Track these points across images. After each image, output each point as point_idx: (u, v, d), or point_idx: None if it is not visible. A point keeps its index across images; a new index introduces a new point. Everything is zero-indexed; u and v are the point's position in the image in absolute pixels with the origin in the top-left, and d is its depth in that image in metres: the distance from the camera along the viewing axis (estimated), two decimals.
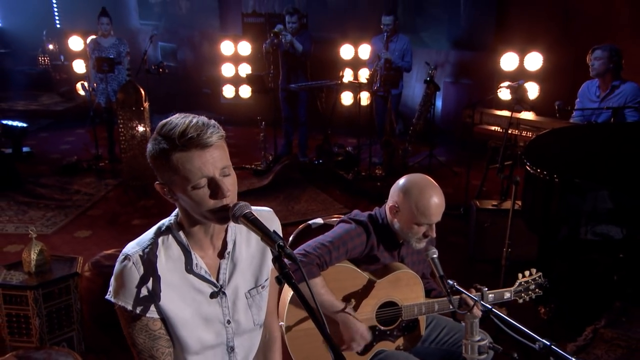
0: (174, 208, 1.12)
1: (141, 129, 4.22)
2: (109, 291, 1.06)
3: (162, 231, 1.09)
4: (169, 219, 1.11)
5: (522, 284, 1.77)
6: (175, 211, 1.11)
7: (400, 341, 1.73)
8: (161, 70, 5.12)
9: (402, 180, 1.66)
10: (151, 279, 1.04)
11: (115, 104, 4.44)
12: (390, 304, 1.67)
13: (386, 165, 4.75)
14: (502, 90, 3.62)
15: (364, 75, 5.29)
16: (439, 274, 1.52)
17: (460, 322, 1.79)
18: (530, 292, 1.78)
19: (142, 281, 1.04)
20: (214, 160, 0.99)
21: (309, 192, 4.44)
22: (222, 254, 1.13)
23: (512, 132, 3.57)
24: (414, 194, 1.60)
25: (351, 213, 1.77)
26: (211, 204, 1.00)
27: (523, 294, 1.77)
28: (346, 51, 5.61)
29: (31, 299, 2.14)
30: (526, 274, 1.78)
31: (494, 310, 1.38)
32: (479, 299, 1.46)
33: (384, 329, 1.68)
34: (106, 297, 1.06)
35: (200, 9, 7.81)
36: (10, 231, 3.65)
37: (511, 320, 1.29)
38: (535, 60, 4.44)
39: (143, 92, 4.28)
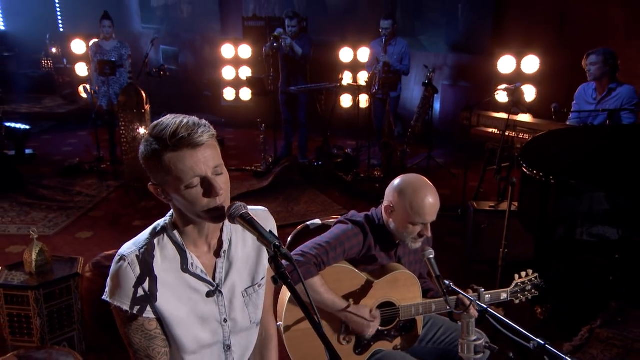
0: None
1: (142, 131, 4.25)
2: (105, 291, 1.07)
3: (157, 231, 1.09)
4: (164, 220, 1.11)
5: (519, 284, 1.77)
6: (170, 212, 1.11)
7: (397, 341, 1.73)
8: (162, 73, 5.13)
9: (397, 181, 1.66)
10: (147, 279, 1.04)
11: (117, 106, 4.46)
12: (388, 304, 1.67)
13: (385, 167, 4.75)
14: (500, 92, 3.64)
15: (363, 78, 5.30)
16: (435, 274, 1.52)
17: (457, 322, 1.79)
18: (526, 293, 1.78)
19: (138, 281, 1.04)
20: (205, 159, 0.99)
21: (308, 194, 4.45)
22: (218, 253, 1.13)
23: (509, 134, 3.58)
24: (408, 193, 1.60)
25: (348, 214, 1.77)
26: (204, 203, 1.00)
27: (519, 295, 1.77)
28: (345, 54, 5.63)
29: (32, 299, 2.15)
30: (522, 274, 1.78)
31: (489, 310, 1.38)
32: (475, 300, 1.46)
33: (381, 329, 1.67)
34: (103, 298, 1.07)
35: (202, 12, 7.84)
36: (12, 232, 3.67)
37: (507, 320, 1.29)
38: (532, 63, 4.44)
39: (144, 94, 4.32)
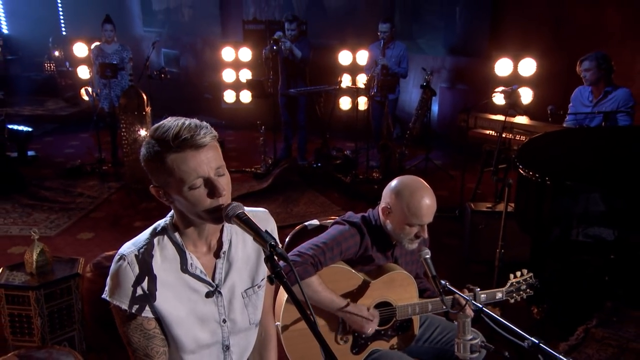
0: None
1: (143, 133, 4.27)
2: (105, 290, 1.08)
3: (157, 232, 1.10)
4: (164, 220, 1.12)
5: (514, 284, 1.78)
6: (170, 212, 1.12)
7: (394, 340, 1.74)
8: (163, 76, 5.14)
9: (394, 182, 1.67)
10: (146, 279, 1.05)
11: (118, 108, 4.49)
12: (385, 304, 1.68)
13: (383, 168, 4.75)
14: (497, 95, 3.68)
15: (361, 80, 5.34)
16: (431, 273, 1.54)
17: (453, 322, 1.79)
18: (521, 292, 1.79)
19: (137, 281, 1.04)
20: (208, 160, 1.00)
21: (307, 195, 4.46)
22: (217, 254, 1.13)
23: (506, 136, 3.59)
24: (405, 195, 1.61)
25: (345, 215, 1.77)
26: (207, 203, 1.01)
27: (514, 294, 1.78)
28: (344, 57, 5.66)
29: (33, 299, 2.16)
30: (517, 274, 1.79)
31: (484, 310, 1.39)
32: (471, 299, 1.47)
33: (378, 328, 1.67)
34: (102, 296, 1.08)
35: (203, 16, 7.87)
36: (14, 233, 3.69)
37: (502, 320, 1.30)
38: (528, 66, 4.46)
39: (145, 97, 4.35)
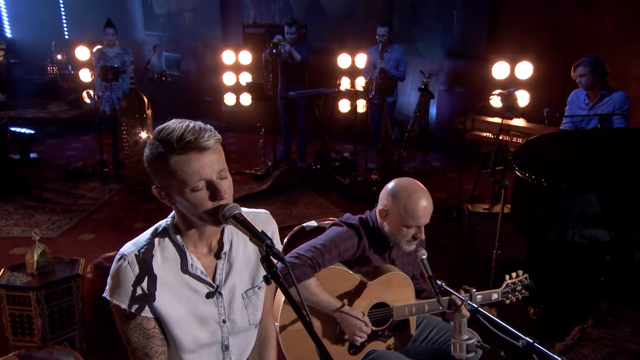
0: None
1: (144, 135, 4.30)
2: (105, 289, 1.08)
3: (158, 232, 1.10)
4: (165, 221, 1.13)
5: (509, 285, 1.79)
6: (171, 213, 1.12)
7: (391, 341, 1.74)
8: (164, 79, 5.17)
9: (390, 184, 1.68)
10: (146, 279, 1.06)
11: (119, 111, 4.52)
12: (382, 305, 1.69)
13: (382, 170, 4.77)
14: (494, 97, 3.69)
15: (360, 83, 5.36)
16: (428, 274, 1.55)
17: (449, 322, 1.80)
18: (517, 293, 1.80)
19: (137, 281, 1.05)
20: (211, 163, 1.01)
21: (307, 197, 4.49)
22: (218, 255, 1.14)
23: (503, 138, 3.60)
24: (402, 197, 1.62)
25: (343, 216, 1.77)
26: (209, 206, 1.01)
27: (510, 295, 1.79)
28: (343, 60, 5.68)
29: (34, 300, 2.17)
30: (513, 275, 1.80)
31: (480, 310, 1.40)
32: (467, 300, 1.48)
33: (375, 329, 1.68)
34: (102, 295, 1.09)
35: (203, 20, 7.91)
36: (16, 234, 3.71)
37: (497, 320, 1.32)
38: (525, 69, 4.48)
39: (146, 99, 4.38)
